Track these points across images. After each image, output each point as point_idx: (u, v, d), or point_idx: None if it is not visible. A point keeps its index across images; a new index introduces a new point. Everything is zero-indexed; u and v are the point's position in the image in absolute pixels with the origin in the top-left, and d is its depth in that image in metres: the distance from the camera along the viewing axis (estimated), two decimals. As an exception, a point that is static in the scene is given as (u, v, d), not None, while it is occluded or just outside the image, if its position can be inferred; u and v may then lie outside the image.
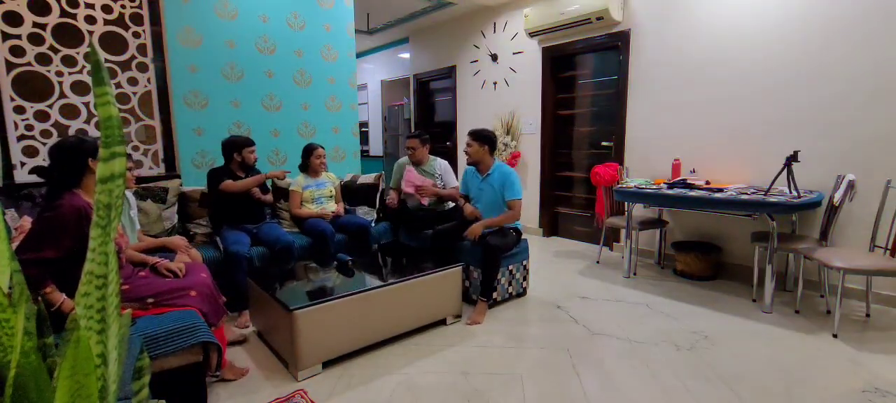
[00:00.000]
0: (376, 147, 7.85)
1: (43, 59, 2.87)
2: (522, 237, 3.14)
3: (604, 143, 4.44)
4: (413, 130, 6.51)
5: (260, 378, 2.19)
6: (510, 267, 3.05)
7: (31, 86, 2.87)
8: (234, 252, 2.77)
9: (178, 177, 3.33)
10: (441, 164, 3.70)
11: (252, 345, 2.54)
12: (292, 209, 3.42)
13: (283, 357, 2.33)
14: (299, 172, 3.57)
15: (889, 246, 2.56)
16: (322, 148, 3.50)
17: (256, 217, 3.21)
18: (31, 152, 2.90)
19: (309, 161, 3.46)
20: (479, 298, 2.86)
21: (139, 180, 3.12)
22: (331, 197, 3.55)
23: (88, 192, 1.80)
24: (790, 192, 2.82)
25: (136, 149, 3.24)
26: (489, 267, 2.81)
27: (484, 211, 3.07)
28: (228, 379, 2.16)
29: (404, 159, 3.74)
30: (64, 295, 1.71)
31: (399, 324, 2.52)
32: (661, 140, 3.90)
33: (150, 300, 1.94)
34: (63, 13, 2.89)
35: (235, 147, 3.06)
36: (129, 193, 2.80)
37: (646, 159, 4.02)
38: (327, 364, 2.26)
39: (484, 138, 3.02)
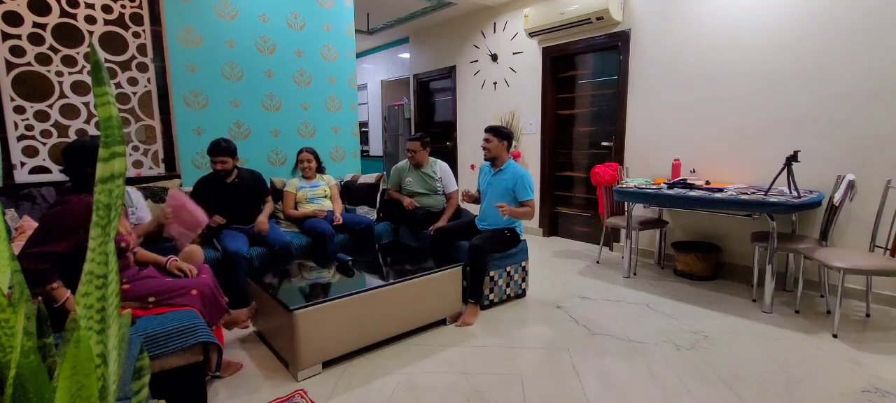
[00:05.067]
0: (376, 147, 7.84)
1: (43, 59, 2.87)
2: (521, 239, 3.14)
3: (604, 143, 4.44)
4: (413, 131, 6.52)
5: (260, 378, 2.19)
6: (509, 269, 3.05)
7: (31, 86, 2.87)
8: (233, 252, 2.77)
9: (179, 177, 3.33)
10: (441, 167, 3.69)
11: (252, 345, 2.54)
12: (285, 209, 3.46)
13: (283, 357, 2.33)
14: (292, 175, 3.65)
15: (889, 246, 2.56)
16: (308, 151, 3.56)
17: (251, 217, 3.20)
18: (31, 152, 2.90)
19: (296, 164, 3.59)
20: (469, 301, 2.85)
21: (139, 180, 3.12)
22: (325, 196, 3.57)
23: None
24: (790, 192, 2.82)
25: (136, 149, 3.24)
26: (475, 269, 2.82)
27: (487, 205, 3.12)
28: (223, 376, 2.17)
29: (404, 162, 3.74)
30: (69, 292, 1.72)
31: (399, 324, 2.52)
32: (661, 140, 3.90)
33: (151, 299, 1.94)
34: (63, 13, 2.90)
35: (209, 152, 3.05)
36: (138, 191, 2.83)
37: (646, 159, 4.02)
38: (327, 364, 2.26)
39: (504, 134, 3.08)
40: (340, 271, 2.73)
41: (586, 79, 4.59)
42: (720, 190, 3.08)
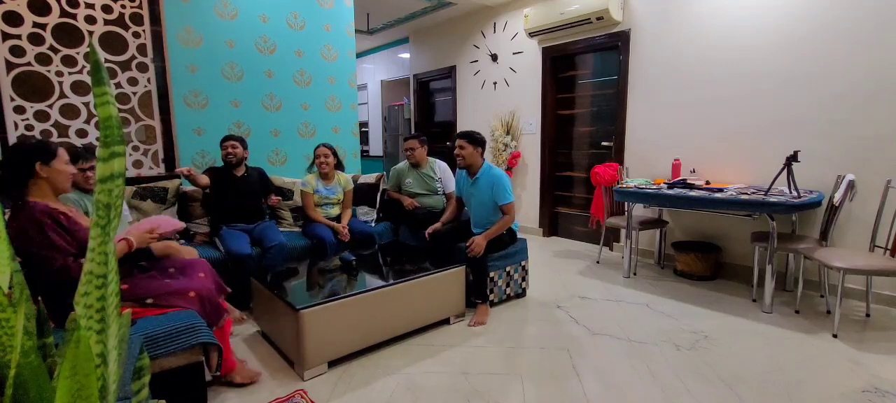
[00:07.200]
0: (376, 147, 7.85)
1: (43, 59, 2.87)
2: (518, 238, 3.13)
3: (604, 143, 4.44)
4: (413, 131, 6.53)
5: (264, 378, 2.19)
6: (508, 269, 3.05)
7: (31, 86, 2.87)
8: (239, 254, 2.78)
9: (178, 177, 3.33)
10: (440, 166, 3.68)
11: (256, 344, 2.54)
12: (307, 211, 3.34)
13: (288, 356, 2.33)
14: (308, 172, 3.52)
15: (889, 246, 2.56)
16: (325, 147, 3.40)
17: (255, 217, 3.21)
18: (31, 152, 2.90)
19: (314, 160, 3.44)
20: (476, 301, 2.86)
21: (139, 180, 3.12)
22: (338, 203, 3.46)
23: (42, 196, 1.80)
24: (790, 192, 2.82)
25: (136, 149, 3.24)
26: (477, 270, 2.82)
27: (474, 213, 3.07)
28: (238, 384, 2.10)
29: (403, 164, 3.73)
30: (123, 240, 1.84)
31: (404, 324, 2.52)
32: (661, 140, 3.90)
33: (149, 300, 1.93)
34: (63, 13, 2.90)
35: (221, 143, 3.14)
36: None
37: (646, 159, 4.02)
38: (332, 364, 2.26)
39: (477, 141, 2.96)
40: (344, 271, 2.73)
41: (586, 79, 4.59)
42: (720, 190, 3.08)
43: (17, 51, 2.80)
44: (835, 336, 2.51)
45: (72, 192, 2.17)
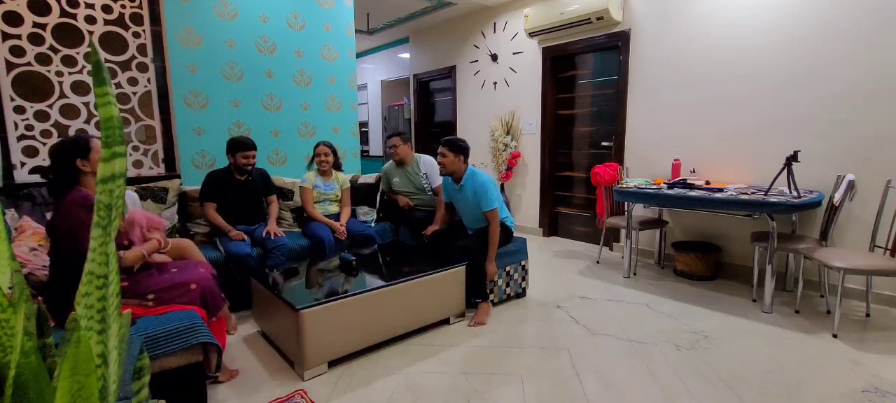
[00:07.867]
0: (376, 147, 7.84)
1: (43, 59, 2.87)
2: (514, 236, 3.13)
3: (604, 143, 4.44)
4: (413, 131, 6.54)
5: (264, 377, 2.19)
6: (508, 268, 3.04)
7: (31, 86, 2.87)
8: (238, 254, 2.78)
9: (178, 176, 3.33)
10: (426, 162, 3.62)
11: (256, 344, 2.54)
12: (306, 207, 3.37)
13: (288, 356, 2.33)
14: (308, 169, 3.55)
15: (889, 246, 2.56)
16: (325, 145, 3.45)
17: (255, 217, 3.20)
18: (31, 152, 2.90)
19: (313, 158, 3.48)
20: (477, 300, 2.86)
21: (139, 180, 3.12)
22: (336, 200, 3.50)
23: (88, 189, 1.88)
24: (790, 192, 2.82)
25: (136, 149, 3.24)
26: (473, 269, 2.82)
27: (465, 216, 3.09)
28: (220, 381, 2.14)
29: (390, 163, 3.72)
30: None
31: (404, 324, 2.52)
32: (661, 140, 3.90)
33: (151, 297, 1.94)
34: (63, 13, 2.89)
35: (230, 148, 3.08)
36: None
37: (646, 159, 4.02)
38: (332, 364, 2.26)
39: (460, 148, 2.93)
40: (344, 271, 2.73)
41: (586, 79, 4.59)
42: (720, 190, 3.08)
43: (17, 51, 2.79)
44: (835, 336, 2.51)
45: None
